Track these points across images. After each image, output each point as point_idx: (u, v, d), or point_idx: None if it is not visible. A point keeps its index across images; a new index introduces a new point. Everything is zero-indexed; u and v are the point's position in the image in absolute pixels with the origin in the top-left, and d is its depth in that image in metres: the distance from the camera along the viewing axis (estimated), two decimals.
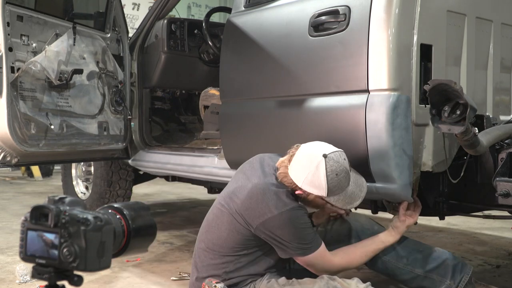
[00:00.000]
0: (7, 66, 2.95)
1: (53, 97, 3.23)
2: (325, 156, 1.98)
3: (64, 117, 3.30)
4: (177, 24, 3.94)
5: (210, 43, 3.79)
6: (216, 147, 3.28)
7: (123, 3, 3.87)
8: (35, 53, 3.12)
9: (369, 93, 2.16)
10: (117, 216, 1.10)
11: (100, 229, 0.99)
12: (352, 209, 2.42)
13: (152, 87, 4.02)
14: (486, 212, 2.80)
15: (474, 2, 2.42)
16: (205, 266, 2.15)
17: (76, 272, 1.00)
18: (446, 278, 2.22)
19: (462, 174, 2.18)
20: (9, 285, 2.77)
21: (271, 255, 2.14)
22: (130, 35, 3.96)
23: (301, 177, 2.01)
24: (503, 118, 2.50)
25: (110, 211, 1.11)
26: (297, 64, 2.49)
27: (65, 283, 1.01)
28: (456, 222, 4.52)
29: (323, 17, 2.34)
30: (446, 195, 2.36)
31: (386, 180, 2.14)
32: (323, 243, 2.10)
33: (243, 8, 2.87)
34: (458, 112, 1.87)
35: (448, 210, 2.41)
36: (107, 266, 1.02)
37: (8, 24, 2.96)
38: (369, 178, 2.17)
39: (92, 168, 4.39)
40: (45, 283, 1.01)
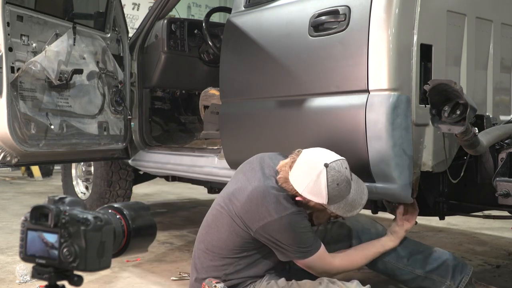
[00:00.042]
0: (7, 66, 2.95)
1: (53, 97, 3.23)
2: (326, 165, 1.97)
3: (64, 117, 3.30)
4: (177, 24, 3.94)
5: (210, 43, 3.79)
6: (216, 147, 3.28)
7: (123, 3, 3.87)
8: (35, 53, 3.12)
9: (369, 93, 2.16)
10: (117, 216, 1.10)
11: (100, 229, 0.99)
12: None
13: (152, 87, 4.02)
14: (486, 212, 2.80)
15: (474, 2, 2.42)
16: (204, 268, 2.15)
17: (76, 272, 1.00)
18: (446, 278, 2.23)
19: (462, 174, 2.18)
20: (9, 285, 2.77)
21: (270, 257, 2.13)
22: (130, 35, 3.96)
23: (302, 184, 2.00)
24: (503, 118, 2.50)
25: (110, 211, 1.11)
26: (297, 64, 2.49)
27: (65, 283, 1.01)
28: (456, 222, 4.52)
29: (323, 17, 2.34)
30: (446, 195, 2.36)
31: (386, 180, 2.14)
32: (322, 246, 2.09)
33: (243, 8, 2.87)
34: (458, 112, 1.87)
35: (448, 210, 2.41)
36: (107, 266, 1.02)
37: (8, 24, 2.96)
38: (369, 178, 2.17)
39: (92, 168, 4.39)
40: (45, 283, 1.01)
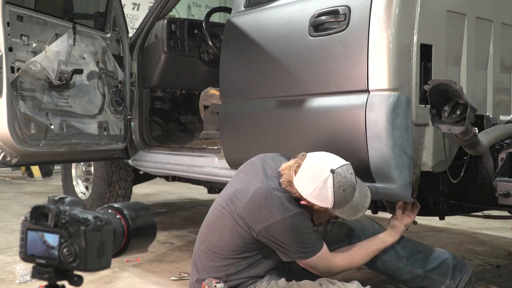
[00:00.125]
0: (7, 66, 2.95)
1: (53, 97, 3.23)
2: (332, 171, 1.97)
3: (64, 117, 3.30)
4: (177, 24, 3.93)
5: (210, 43, 3.79)
6: (216, 147, 3.28)
7: (123, 3, 3.86)
8: (35, 53, 3.12)
9: (369, 93, 2.16)
10: (117, 216, 1.10)
11: (100, 229, 0.99)
12: None
13: (152, 87, 4.02)
14: (486, 212, 2.80)
15: (474, 2, 2.42)
16: (205, 268, 2.14)
17: (76, 272, 1.00)
18: (446, 278, 2.22)
19: (462, 174, 2.18)
20: (9, 285, 2.77)
21: (271, 257, 2.13)
22: (130, 35, 3.96)
23: (308, 190, 2.00)
24: (503, 118, 2.50)
25: (110, 211, 1.11)
26: (297, 64, 2.49)
27: (65, 283, 1.01)
28: (456, 222, 4.52)
29: (323, 17, 2.33)
30: (446, 195, 2.36)
31: (386, 180, 2.14)
32: (324, 245, 2.09)
33: (243, 8, 2.87)
34: (458, 112, 1.87)
35: (448, 210, 2.41)
36: (107, 266, 1.02)
37: (8, 24, 2.96)
38: (369, 178, 2.17)
39: (92, 168, 4.39)
40: (45, 283, 1.01)
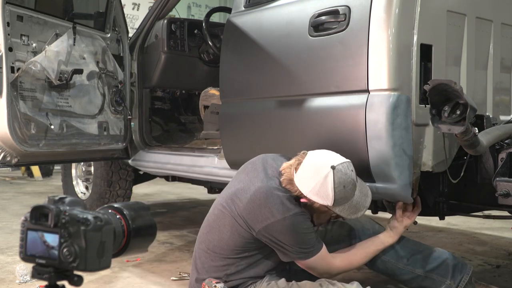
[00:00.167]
0: (7, 66, 2.95)
1: (53, 97, 3.23)
2: (333, 167, 1.97)
3: (64, 117, 3.30)
4: (177, 24, 3.93)
5: (210, 43, 3.79)
6: (216, 147, 3.28)
7: (123, 3, 3.87)
8: (35, 53, 3.12)
9: (369, 93, 2.16)
10: (117, 216, 1.10)
11: (100, 229, 0.99)
12: None
13: (152, 87, 4.02)
14: (486, 212, 2.80)
15: (474, 2, 2.42)
16: (205, 268, 2.14)
17: (76, 272, 1.00)
18: (446, 278, 2.22)
19: (462, 174, 2.18)
20: (9, 285, 2.77)
21: (271, 257, 2.13)
22: (130, 35, 3.96)
23: (308, 186, 2.00)
24: (503, 118, 2.50)
25: (110, 211, 1.10)
26: (297, 64, 2.49)
27: (65, 283, 1.01)
28: (456, 222, 4.52)
29: (323, 17, 2.33)
30: (446, 195, 2.36)
31: (386, 180, 2.14)
32: (324, 246, 2.09)
33: (243, 8, 2.87)
34: (458, 112, 1.87)
35: (448, 210, 2.41)
36: (107, 266, 1.02)
37: (8, 24, 2.96)
38: (369, 178, 2.17)
39: (92, 168, 4.39)
40: (45, 283, 1.01)
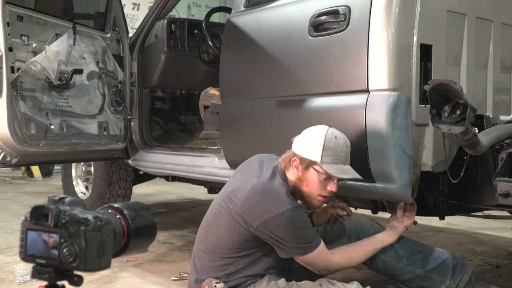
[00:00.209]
0: (7, 66, 2.95)
1: (53, 97, 3.23)
2: (330, 126, 2.07)
3: (64, 117, 3.30)
4: (177, 24, 3.94)
5: (210, 43, 3.79)
6: (216, 147, 3.28)
7: (123, 3, 3.87)
8: (35, 53, 3.12)
9: (369, 93, 2.16)
10: (117, 216, 1.10)
11: (100, 229, 0.99)
12: (352, 210, 2.42)
13: (152, 87, 4.02)
14: (486, 212, 2.80)
15: (474, 2, 2.42)
16: (204, 268, 2.14)
17: (76, 272, 1.00)
18: (446, 278, 2.22)
19: (462, 174, 2.18)
20: (9, 285, 2.77)
21: (270, 255, 2.13)
22: (130, 35, 3.96)
23: (301, 141, 2.09)
24: (503, 118, 2.50)
25: (110, 211, 1.10)
26: (297, 64, 2.49)
27: (65, 283, 1.01)
28: (456, 222, 4.52)
29: (323, 17, 2.34)
30: (446, 195, 2.36)
31: (386, 180, 2.14)
32: (322, 242, 2.09)
33: (243, 8, 2.87)
34: (458, 112, 1.87)
35: (448, 210, 2.41)
36: (107, 266, 1.02)
37: (8, 24, 2.96)
38: (369, 178, 2.17)
39: (92, 168, 4.39)
40: (45, 283, 1.01)
